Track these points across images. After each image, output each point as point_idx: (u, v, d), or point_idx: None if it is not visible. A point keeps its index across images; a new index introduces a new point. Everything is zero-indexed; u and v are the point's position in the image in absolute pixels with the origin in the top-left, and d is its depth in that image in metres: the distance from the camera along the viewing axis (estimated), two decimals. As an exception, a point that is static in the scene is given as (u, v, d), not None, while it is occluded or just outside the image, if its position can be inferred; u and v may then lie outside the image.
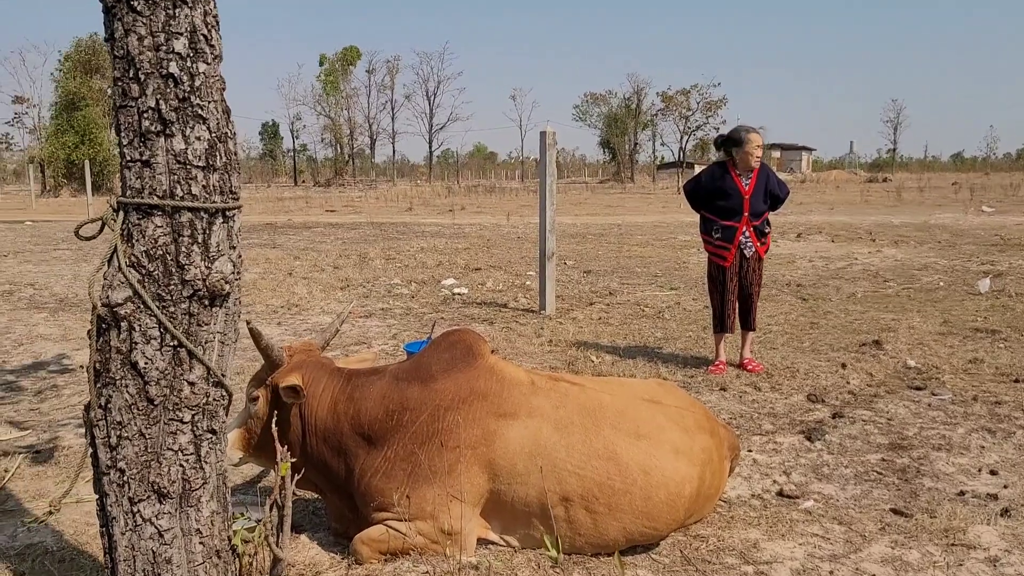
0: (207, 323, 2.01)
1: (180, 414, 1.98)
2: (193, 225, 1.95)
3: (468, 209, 29.10)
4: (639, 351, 6.54)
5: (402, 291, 10.10)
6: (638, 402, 3.23)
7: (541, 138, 8.53)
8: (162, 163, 1.91)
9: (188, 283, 1.95)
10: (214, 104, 1.97)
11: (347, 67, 71.13)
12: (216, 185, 1.99)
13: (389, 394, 3.12)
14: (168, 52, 1.88)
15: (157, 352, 1.94)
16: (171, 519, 2.00)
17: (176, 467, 1.99)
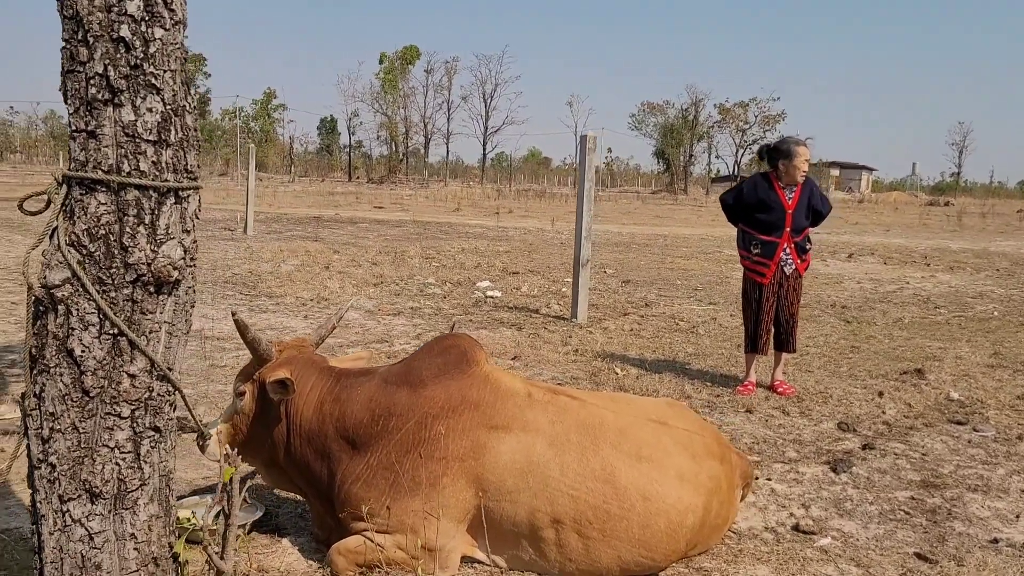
0: (152, 311, 1.85)
1: (118, 408, 1.83)
2: (140, 204, 1.80)
3: (515, 213, 28.95)
4: (667, 366, 6.29)
5: (435, 291, 9.96)
6: (643, 422, 3.01)
7: (581, 143, 8.32)
8: (109, 135, 1.76)
9: (131, 267, 1.80)
10: (170, 74, 1.82)
11: (406, 66, 71.61)
12: (169, 162, 1.83)
13: (376, 397, 2.95)
14: (120, 14, 1.73)
15: (95, 340, 1.79)
16: (103, 521, 1.85)
17: (111, 465, 1.84)
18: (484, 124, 75.01)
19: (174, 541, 2.01)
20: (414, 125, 73.00)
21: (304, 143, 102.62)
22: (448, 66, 74.29)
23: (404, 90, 71.46)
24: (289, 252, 13.36)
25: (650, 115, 74.50)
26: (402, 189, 51.57)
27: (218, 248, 13.86)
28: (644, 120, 74.82)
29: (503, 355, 6.52)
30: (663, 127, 73.14)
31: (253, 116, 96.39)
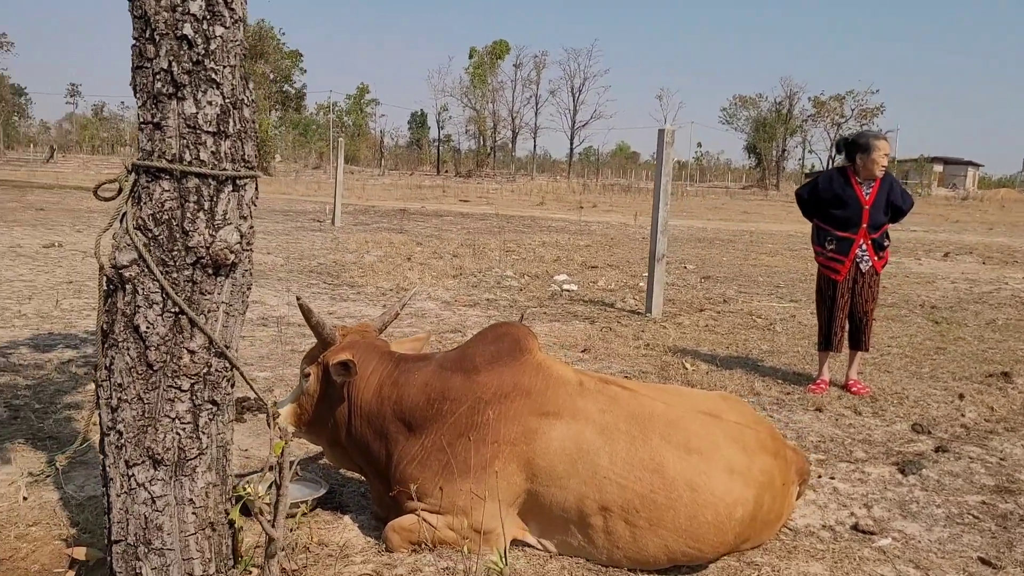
0: (210, 292, 1.98)
1: (179, 381, 1.96)
2: (200, 191, 1.92)
3: (600, 207, 28.86)
4: (738, 362, 6.22)
5: (512, 283, 10.06)
6: (694, 414, 3.02)
7: (659, 136, 8.27)
8: (172, 126, 1.89)
9: (191, 250, 1.93)
10: (230, 69, 1.94)
11: (495, 61, 72.04)
12: (227, 152, 1.95)
13: (432, 382, 3.05)
14: (184, 13, 1.86)
15: (159, 317, 1.93)
16: (164, 486, 1.99)
17: (172, 434, 1.98)
18: (572, 118, 74.88)
19: (230, 508, 2.14)
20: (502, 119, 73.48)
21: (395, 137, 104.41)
22: (537, 60, 74.43)
23: (493, 84, 71.95)
24: (373, 243, 13.68)
25: (742, 109, 73.03)
26: (488, 183, 51.97)
27: (306, 239, 14.30)
28: (736, 114, 73.39)
29: (573, 347, 6.56)
30: (755, 121, 71.57)
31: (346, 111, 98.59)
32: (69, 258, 10.47)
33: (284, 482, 2.15)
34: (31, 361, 5.48)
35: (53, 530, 3.12)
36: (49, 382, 5.00)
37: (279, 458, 2.17)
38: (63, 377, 5.12)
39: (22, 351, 5.78)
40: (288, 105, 65.71)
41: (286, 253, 12.03)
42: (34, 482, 3.54)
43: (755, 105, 72.18)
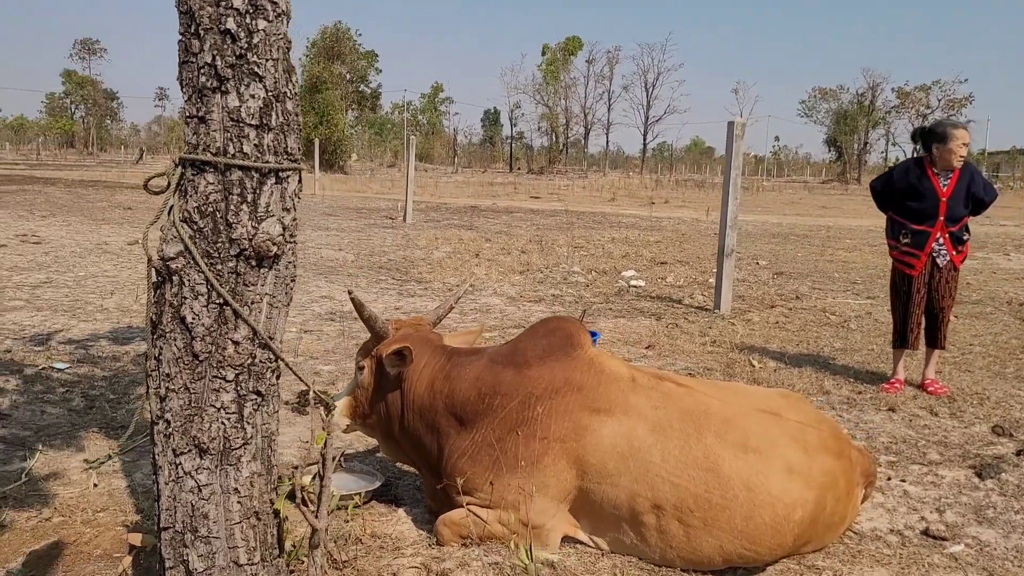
0: (254, 283, 2.00)
1: (223, 372, 1.99)
2: (243, 184, 1.94)
3: (672, 203, 28.50)
4: (808, 360, 6.05)
5: (579, 279, 10.00)
6: (752, 412, 2.93)
7: (729, 129, 8.10)
8: (217, 120, 1.92)
9: (235, 242, 1.95)
10: (272, 62, 1.95)
11: (568, 57, 71.84)
12: (270, 145, 1.97)
13: (483, 376, 3.03)
14: (227, 8, 1.88)
15: (204, 308, 1.96)
16: (210, 475, 2.02)
17: (217, 424, 2.01)
18: (645, 113, 74.14)
19: (275, 498, 2.16)
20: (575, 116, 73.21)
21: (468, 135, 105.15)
22: (610, 56, 73.93)
23: (565, 81, 71.77)
24: (443, 240, 13.78)
25: (822, 101, 71.15)
26: (560, 180, 51.87)
27: (377, 235, 14.49)
28: (815, 106, 71.55)
29: (637, 344, 6.48)
30: (836, 113, 69.65)
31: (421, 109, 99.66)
32: (150, 255, 10.84)
33: (327, 473, 2.17)
34: (109, 353, 5.68)
35: (119, 516, 3.22)
36: (124, 373, 5.18)
37: (322, 449, 2.18)
38: (137, 369, 5.29)
39: (101, 343, 5.99)
40: (364, 105, 66.77)
41: (357, 249, 12.20)
42: (91, 469, 3.66)
43: (835, 97, 70.24)
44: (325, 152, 53.52)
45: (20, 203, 18.90)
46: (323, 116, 53.67)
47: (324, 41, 57.39)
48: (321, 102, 54.00)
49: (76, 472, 3.66)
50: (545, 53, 72.60)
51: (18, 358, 5.34)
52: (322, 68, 55.33)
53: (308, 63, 56.72)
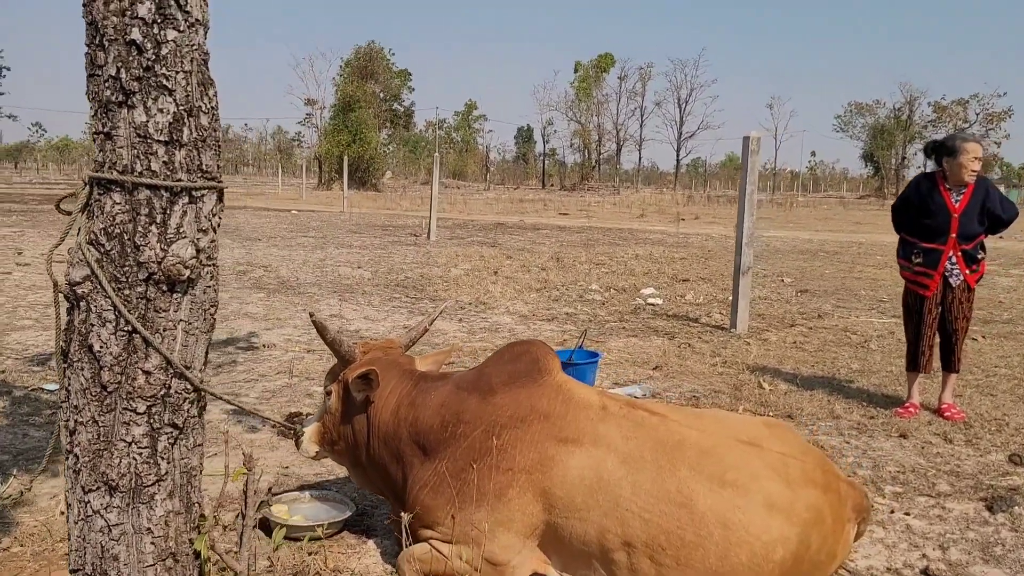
0: (165, 309, 1.88)
1: (134, 404, 1.87)
2: (151, 203, 1.82)
3: (702, 219, 28.17)
4: (822, 382, 5.81)
5: (595, 297, 9.82)
6: (730, 443, 2.75)
7: (744, 144, 7.90)
8: (123, 136, 1.80)
9: (143, 265, 1.83)
10: (184, 75, 1.83)
11: (600, 74, 71.79)
12: (182, 162, 1.85)
13: (447, 403, 2.89)
14: (132, 18, 1.77)
15: (112, 336, 1.84)
16: (121, 514, 1.90)
17: (128, 459, 1.88)
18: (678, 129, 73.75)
19: (195, 537, 2.03)
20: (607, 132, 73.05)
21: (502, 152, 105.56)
22: (642, 72, 73.78)
23: (598, 97, 71.68)
24: (463, 257, 13.68)
25: (858, 115, 70.25)
26: (592, 196, 51.69)
27: (399, 253, 14.44)
28: (851, 121, 70.64)
29: (645, 364, 6.29)
30: (872, 128, 68.69)
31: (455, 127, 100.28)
32: (168, 273, 10.85)
33: (249, 512, 2.03)
34: (105, 374, 5.62)
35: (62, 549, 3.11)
36: (115, 395, 5.10)
37: (244, 486, 2.05)
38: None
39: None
40: (397, 123, 67.25)
41: (375, 267, 12.14)
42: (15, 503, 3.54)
43: (872, 111, 69.31)
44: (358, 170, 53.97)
45: (55, 222, 19.18)
46: (356, 134, 54.12)
47: (358, 61, 57.96)
48: (354, 120, 54.47)
49: (47, 499, 3.57)
50: (577, 70, 72.63)
51: (11, 379, 5.30)
52: (355, 87, 55.84)
53: (342, 82, 57.30)
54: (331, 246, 15.39)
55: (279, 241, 16.11)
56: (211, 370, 5.97)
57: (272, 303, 8.76)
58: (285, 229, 19.36)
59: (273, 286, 10.05)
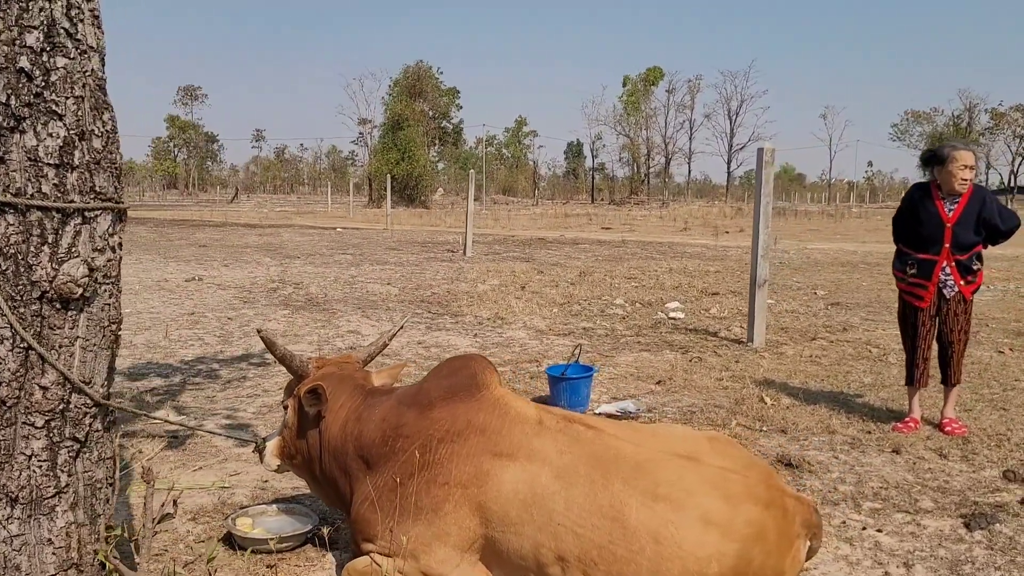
0: (60, 327, 1.94)
1: (32, 418, 1.93)
2: (43, 224, 1.89)
3: (747, 231, 27.74)
4: (829, 396, 5.69)
5: (616, 311, 9.76)
6: (667, 457, 2.71)
7: (758, 155, 7.80)
8: (16, 160, 1.87)
9: (36, 284, 1.90)
10: (74, 100, 1.90)
11: (649, 87, 71.56)
12: (75, 184, 1.92)
13: (388, 417, 2.91)
14: (21, 47, 1.84)
15: (9, 352, 1.91)
16: (22, 525, 1.96)
17: (27, 472, 1.94)
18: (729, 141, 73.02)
19: (102, 548, 2.08)
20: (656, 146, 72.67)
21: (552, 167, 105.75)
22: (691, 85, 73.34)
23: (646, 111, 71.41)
24: (494, 273, 13.73)
25: (915, 124, 68.78)
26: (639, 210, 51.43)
27: (431, 269, 14.56)
28: (908, 130, 69.20)
29: (649, 379, 6.23)
30: (930, 136, 67.14)
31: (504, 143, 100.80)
32: (203, 291, 11.12)
33: (147, 521, 2.07)
34: (118, 389, 5.77)
35: None
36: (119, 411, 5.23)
37: (147, 499, 2.09)
38: (139, 406, 5.35)
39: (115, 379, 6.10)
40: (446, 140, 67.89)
41: (404, 283, 12.26)
42: None
43: (930, 120, 67.82)
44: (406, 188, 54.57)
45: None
46: (405, 152, 54.76)
47: (406, 80, 58.75)
48: (402, 139, 55.14)
49: None
50: (626, 84, 72.52)
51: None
52: (404, 106, 56.57)
53: (391, 102, 58.10)
54: (367, 263, 15.59)
55: (317, 259, 16.37)
56: (219, 385, 6.11)
57: (294, 320, 8.91)
58: (325, 247, 19.67)
59: (300, 303, 10.22)
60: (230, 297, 10.66)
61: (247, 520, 3.43)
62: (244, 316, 9.11)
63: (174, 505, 2.50)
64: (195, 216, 37.27)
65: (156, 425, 4.99)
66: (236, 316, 9.11)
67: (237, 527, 3.34)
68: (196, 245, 19.72)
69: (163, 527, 3.54)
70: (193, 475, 4.16)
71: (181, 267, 14.42)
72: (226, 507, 3.74)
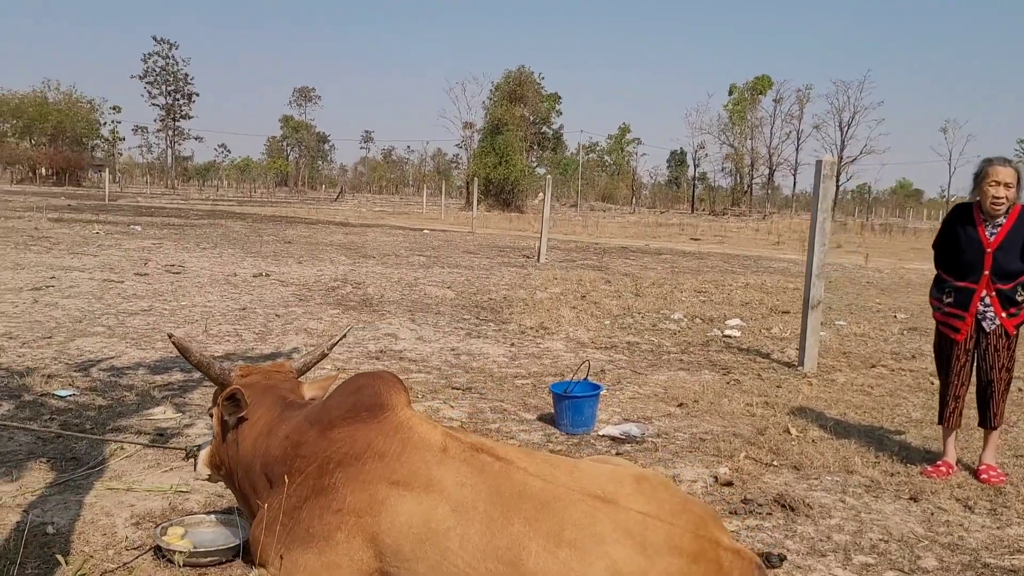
0: None
1: None
2: None
3: (845, 247, 26.54)
4: (862, 432, 5.20)
5: (669, 326, 9.35)
6: (579, 497, 2.42)
7: (816, 168, 7.30)
8: None
9: None
10: None
11: (756, 96, 69.63)
12: None
13: (291, 435, 2.72)
14: None
15: None
16: None
17: None
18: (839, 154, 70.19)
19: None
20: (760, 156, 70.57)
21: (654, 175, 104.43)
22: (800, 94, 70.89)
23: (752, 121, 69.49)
24: (559, 280, 13.44)
25: (1044, 139, 64.51)
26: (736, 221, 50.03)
27: (499, 274, 14.39)
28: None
29: (671, 401, 5.86)
30: (1061, 153, 62.96)
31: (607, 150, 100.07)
32: (264, 288, 11.25)
33: None
34: (129, 383, 5.79)
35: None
36: (120, 404, 5.25)
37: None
38: (141, 400, 5.35)
39: (139, 372, 6.15)
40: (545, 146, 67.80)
41: (463, 288, 12.12)
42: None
43: (1061, 135, 63.44)
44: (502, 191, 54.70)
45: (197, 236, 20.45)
46: (502, 156, 54.93)
47: (508, 85, 58.94)
48: (501, 143, 55.33)
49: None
50: (732, 93, 70.79)
51: (30, 382, 5.55)
52: (504, 110, 56.76)
53: (491, 106, 58.41)
54: (437, 266, 15.55)
55: (391, 259, 16.45)
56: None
57: (339, 320, 8.87)
58: (405, 248, 19.78)
59: (353, 303, 10.21)
60: (288, 295, 10.74)
61: (178, 530, 3.30)
62: (292, 314, 9.13)
63: None
64: (295, 213, 38.27)
65: (149, 420, 4.97)
66: (284, 314, 9.14)
67: (167, 536, 3.21)
68: (282, 241, 20.13)
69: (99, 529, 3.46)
70: (160, 476, 4.08)
71: (256, 262, 14.69)
72: (175, 512, 3.63)
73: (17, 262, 12.81)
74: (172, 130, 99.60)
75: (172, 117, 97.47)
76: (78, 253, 14.64)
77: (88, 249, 15.50)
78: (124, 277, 11.63)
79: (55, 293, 9.76)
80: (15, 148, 79.98)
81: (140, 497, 3.79)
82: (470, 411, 5.39)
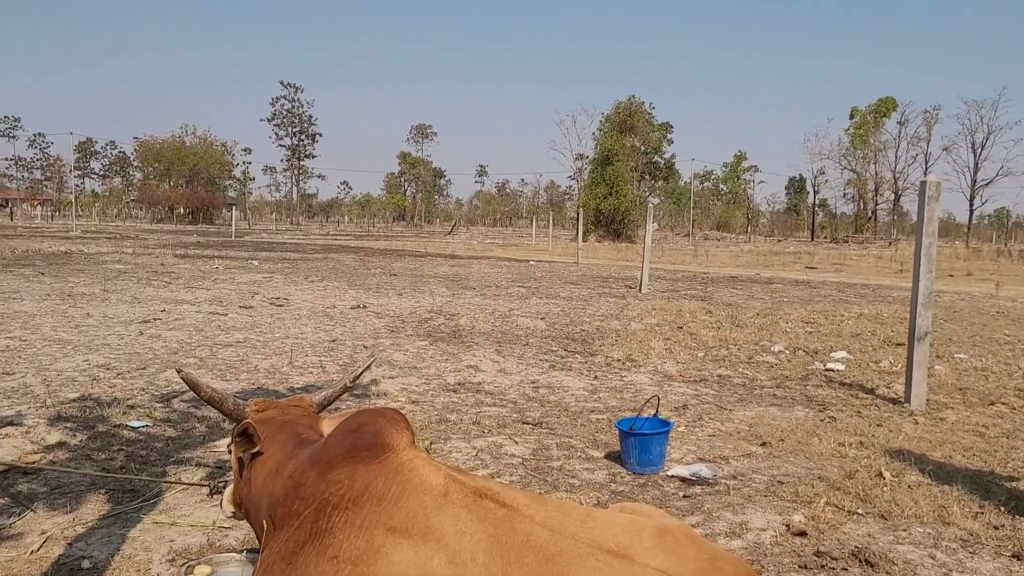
0: None
1: None
2: None
3: (976, 275, 24.90)
4: (968, 478, 4.67)
5: (767, 359, 8.84)
6: (589, 551, 2.17)
7: (921, 189, 6.76)
8: None
9: None
10: None
11: (879, 119, 66.84)
12: None
13: (294, 474, 2.57)
14: None
15: None
16: None
17: None
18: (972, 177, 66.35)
19: None
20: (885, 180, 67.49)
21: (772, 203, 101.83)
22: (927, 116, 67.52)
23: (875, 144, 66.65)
24: (657, 311, 13.04)
25: None
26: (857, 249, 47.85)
27: (597, 304, 14.12)
28: None
29: (754, 439, 5.46)
30: None
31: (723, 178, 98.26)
32: (359, 319, 11.36)
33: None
34: (209, 414, 5.84)
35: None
36: (189, 436, 5.28)
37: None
38: (209, 432, 5.38)
39: (217, 403, 6.21)
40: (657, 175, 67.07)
41: (557, 319, 11.91)
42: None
43: None
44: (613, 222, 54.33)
45: (307, 269, 21.07)
46: (613, 187, 54.62)
47: (618, 115, 58.74)
48: (611, 174, 55.06)
49: (35, 535, 3.69)
50: (854, 116, 68.19)
51: (107, 413, 5.67)
52: (614, 141, 56.55)
53: (601, 137, 58.31)
54: (536, 296, 15.40)
55: (489, 291, 16.41)
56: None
57: (425, 352, 8.81)
58: (507, 279, 19.76)
59: (443, 335, 10.15)
60: (381, 326, 10.79)
61: (205, 569, 3.21)
62: (379, 346, 9.14)
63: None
64: (406, 246, 39.07)
65: (213, 452, 4.97)
66: (372, 346, 9.16)
67: (192, 574, 3.13)
68: (387, 274, 20.46)
69: (135, 565, 3.42)
70: (207, 511, 4.03)
71: (357, 294, 14.93)
72: (212, 549, 3.57)
73: (135, 296, 13.43)
74: (297, 169, 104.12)
75: (297, 157, 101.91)
76: (193, 287, 15.26)
77: (203, 283, 16.14)
78: (229, 310, 11.98)
79: (161, 325, 10.12)
80: (155, 189, 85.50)
81: (181, 532, 3.74)
82: (535, 447, 5.17)
